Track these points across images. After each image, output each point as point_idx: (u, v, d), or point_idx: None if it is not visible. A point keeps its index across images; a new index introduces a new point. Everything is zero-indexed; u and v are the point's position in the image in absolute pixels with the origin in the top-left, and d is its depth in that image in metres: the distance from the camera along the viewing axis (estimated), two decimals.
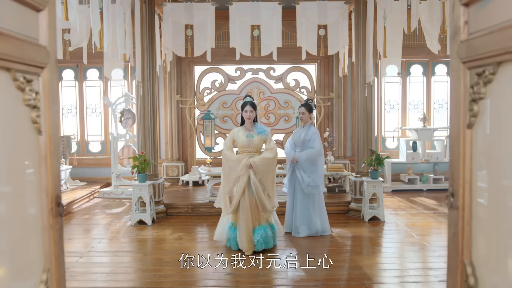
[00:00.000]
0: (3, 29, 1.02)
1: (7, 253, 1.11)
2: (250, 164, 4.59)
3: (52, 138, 1.25)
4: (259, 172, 4.61)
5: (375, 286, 3.95)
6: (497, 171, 1.14)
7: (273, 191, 4.74)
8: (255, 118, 4.88)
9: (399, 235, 5.63)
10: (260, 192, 4.58)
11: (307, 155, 5.29)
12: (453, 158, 1.30)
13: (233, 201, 4.62)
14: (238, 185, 4.61)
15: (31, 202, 1.21)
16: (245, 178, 4.59)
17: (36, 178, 1.22)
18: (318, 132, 5.43)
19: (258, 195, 4.59)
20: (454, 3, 1.25)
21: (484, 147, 1.18)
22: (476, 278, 1.24)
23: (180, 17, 7.22)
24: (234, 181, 4.63)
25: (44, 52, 1.21)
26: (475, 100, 1.19)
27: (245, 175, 4.59)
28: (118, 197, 8.04)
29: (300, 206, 5.34)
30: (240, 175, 4.60)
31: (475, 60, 1.18)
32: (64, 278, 1.32)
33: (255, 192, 4.58)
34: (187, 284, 4.01)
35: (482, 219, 1.21)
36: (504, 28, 1.02)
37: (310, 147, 5.31)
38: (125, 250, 5.15)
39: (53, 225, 1.25)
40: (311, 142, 5.31)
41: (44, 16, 1.21)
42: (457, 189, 1.28)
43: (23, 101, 1.14)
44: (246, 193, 4.59)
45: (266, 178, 4.64)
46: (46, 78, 1.22)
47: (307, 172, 5.27)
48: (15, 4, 1.10)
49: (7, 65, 1.05)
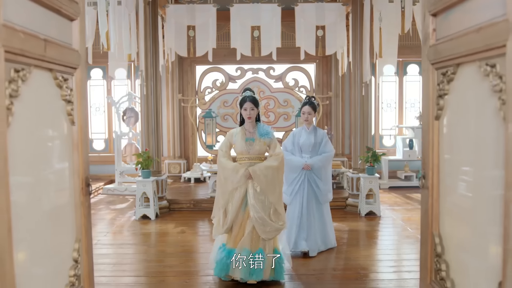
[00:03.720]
0: (48, 37, 1.24)
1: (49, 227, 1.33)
2: (249, 174, 3.73)
3: (83, 128, 1.48)
4: (262, 183, 3.74)
5: (370, 275, 4.08)
6: (456, 155, 1.36)
7: (281, 205, 3.84)
8: (257, 117, 3.93)
9: (395, 229, 5.80)
10: (260, 210, 3.70)
11: (323, 161, 4.67)
12: (424, 145, 1.52)
13: (227, 218, 3.77)
14: (234, 199, 3.76)
15: (66, 183, 1.44)
16: (242, 191, 3.74)
17: (70, 162, 1.45)
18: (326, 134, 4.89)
19: (258, 213, 3.68)
20: (425, 13, 1.47)
21: (448, 135, 1.40)
22: (442, 247, 1.46)
23: (182, 18, 7.42)
24: (230, 194, 3.77)
25: (77, 55, 1.44)
26: (441, 95, 1.41)
27: (243, 187, 3.74)
28: (122, 193, 8.23)
29: (315, 220, 4.66)
30: (237, 187, 3.74)
31: (440, 62, 1.40)
32: (91, 248, 1.54)
33: (252, 209, 3.70)
34: (190, 274, 4.19)
35: (447, 197, 1.44)
36: (460, 36, 1.24)
37: (322, 152, 4.69)
38: (130, 243, 5.34)
39: (84, 202, 1.47)
40: (322, 146, 4.71)
41: (77, 24, 1.43)
42: (427, 172, 1.50)
43: (61, 97, 1.37)
44: (245, 209, 3.76)
45: (271, 190, 3.76)
46: (78, 77, 1.44)
47: (323, 179, 4.68)
48: (56, 15, 1.32)
49: (50, 66, 1.27)
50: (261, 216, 3.67)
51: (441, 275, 1.43)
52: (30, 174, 1.24)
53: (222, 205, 3.80)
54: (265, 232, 3.70)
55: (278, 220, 3.75)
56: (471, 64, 1.23)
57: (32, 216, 1.25)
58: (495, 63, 1.12)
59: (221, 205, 3.81)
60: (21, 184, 1.18)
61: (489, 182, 1.23)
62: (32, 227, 1.25)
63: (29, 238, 1.21)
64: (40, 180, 1.30)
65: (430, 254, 1.52)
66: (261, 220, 3.67)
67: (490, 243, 1.23)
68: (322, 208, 4.74)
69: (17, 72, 1.10)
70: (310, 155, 4.70)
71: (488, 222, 1.25)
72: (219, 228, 3.82)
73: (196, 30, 7.47)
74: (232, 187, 3.75)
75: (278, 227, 3.74)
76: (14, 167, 1.10)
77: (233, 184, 3.75)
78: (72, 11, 1.39)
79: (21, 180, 1.18)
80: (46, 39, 1.21)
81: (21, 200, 1.18)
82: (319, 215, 4.70)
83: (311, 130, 4.74)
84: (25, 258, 1.18)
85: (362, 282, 3.91)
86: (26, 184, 1.22)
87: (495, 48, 1.10)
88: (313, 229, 4.61)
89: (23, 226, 1.18)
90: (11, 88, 1.06)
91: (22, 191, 1.19)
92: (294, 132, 4.87)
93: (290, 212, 4.64)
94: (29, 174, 1.24)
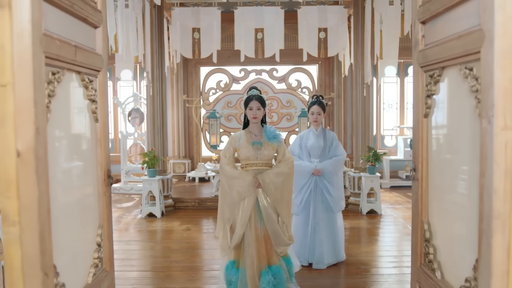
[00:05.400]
0: (77, 43, 1.41)
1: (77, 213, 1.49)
2: (259, 183, 3.30)
3: (105, 125, 1.64)
4: (271, 193, 3.32)
5: (371, 270, 4.20)
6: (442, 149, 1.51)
7: (289, 217, 3.45)
8: (263, 119, 3.48)
9: (395, 226, 5.93)
10: (273, 221, 3.31)
11: (334, 165, 4.26)
12: (415, 141, 1.68)
13: (236, 233, 3.31)
14: (242, 211, 3.32)
15: (91, 174, 1.60)
16: (251, 202, 3.30)
17: (94, 156, 1.61)
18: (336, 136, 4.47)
19: (271, 225, 3.30)
20: (415, 20, 1.63)
21: (435, 131, 1.56)
22: (431, 233, 1.62)
23: (187, 20, 7.60)
24: (237, 205, 3.33)
25: (100, 59, 1.60)
26: (429, 95, 1.57)
27: (252, 198, 3.30)
28: (128, 192, 8.39)
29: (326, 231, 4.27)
30: (245, 197, 3.30)
31: (428, 65, 1.56)
32: (112, 234, 1.71)
33: (266, 220, 3.31)
34: (195, 269, 4.33)
35: (435, 187, 1.59)
36: (444, 42, 1.40)
37: (333, 155, 4.29)
38: (136, 240, 5.49)
39: (106, 192, 1.64)
40: (333, 149, 4.30)
41: (100, 31, 1.60)
42: (418, 165, 1.66)
43: (87, 96, 1.53)
44: (253, 222, 3.32)
45: (280, 201, 3.36)
46: (101, 79, 1.61)
47: (335, 185, 4.26)
48: (82, 24, 1.48)
49: (79, 69, 1.43)
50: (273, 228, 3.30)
51: (429, 258, 1.59)
52: (63, 165, 1.41)
53: (228, 218, 3.33)
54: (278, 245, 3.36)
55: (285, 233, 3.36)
56: (453, 67, 1.40)
57: (64, 202, 1.42)
58: (473, 67, 1.28)
59: (227, 219, 3.34)
60: (57, 172, 1.34)
61: (469, 172, 1.39)
62: (64, 212, 1.41)
63: (62, 221, 1.37)
64: (71, 170, 1.47)
65: (420, 239, 1.67)
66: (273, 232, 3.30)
67: (469, 226, 1.38)
68: (335, 218, 4.30)
69: (53, 74, 1.26)
70: (320, 160, 4.29)
71: (468, 207, 1.40)
72: (226, 244, 3.35)
73: (201, 32, 7.64)
74: (239, 197, 3.31)
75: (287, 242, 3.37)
76: (51, 158, 1.26)
77: (240, 195, 3.30)
78: (96, 19, 1.56)
79: (56, 169, 1.34)
80: (76, 45, 1.38)
81: (56, 186, 1.34)
82: (331, 226, 4.26)
83: (319, 132, 4.32)
84: (60, 238, 1.34)
85: (362, 277, 3.99)
86: (60, 173, 1.39)
87: (472, 54, 1.26)
88: (321, 241, 4.22)
89: (58, 210, 1.34)
90: (49, 88, 1.23)
91: (57, 179, 1.35)
92: (301, 135, 4.44)
93: (298, 223, 4.26)
94: (62, 164, 1.41)
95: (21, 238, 1.12)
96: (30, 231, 1.13)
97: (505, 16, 1.07)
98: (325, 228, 4.23)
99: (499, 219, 1.11)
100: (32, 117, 1.10)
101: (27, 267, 1.13)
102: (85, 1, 1.45)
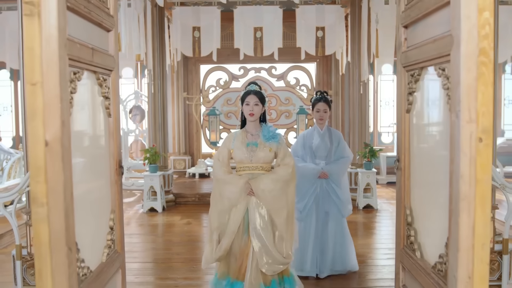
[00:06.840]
0: (94, 46, 1.58)
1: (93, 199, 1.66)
2: (250, 189, 2.87)
3: (116, 119, 1.81)
4: (267, 202, 2.87)
5: (367, 261, 4.27)
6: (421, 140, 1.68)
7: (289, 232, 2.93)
8: (262, 117, 3.06)
9: (391, 220, 6.01)
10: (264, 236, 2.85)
11: (341, 167, 3.92)
12: (398, 134, 1.85)
13: (221, 244, 2.93)
14: (231, 220, 2.92)
15: (106, 163, 1.77)
16: (241, 210, 2.89)
17: (107, 147, 1.78)
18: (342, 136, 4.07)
19: (260, 240, 2.84)
20: (399, 25, 1.80)
21: (416, 124, 1.73)
22: (412, 217, 1.79)
23: (188, 19, 7.73)
24: (227, 213, 2.93)
25: (112, 60, 1.77)
26: (410, 93, 1.74)
27: (243, 204, 2.89)
28: (129, 188, 8.51)
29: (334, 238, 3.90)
30: (236, 204, 2.90)
31: (409, 65, 1.73)
32: (122, 219, 1.88)
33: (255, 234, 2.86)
34: (196, 260, 4.45)
35: (416, 175, 1.76)
36: (422, 45, 1.57)
37: (340, 156, 3.93)
38: (139, 233, 5.63)
39: (117, 180, 1.81)
40: (340, 150, 3.93)
41: (112, 34, 1.77)
42: (401, 156, 1.83)
43: (101, 93, 1.70)
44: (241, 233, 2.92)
45: (278, 210, 2.89)
46: (113, 78, 1.78)
47: (342, 187, 3.91)
48: (97, 28, 1.65)
49: (95, 69, 1.60)
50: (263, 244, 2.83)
51: (411, 240, 1.76)
52: (83, 154, 1.58)
53: (217, 227, 2.97)
54: (267, 264, 2.83)
55: (282, 249, 2.86)
56: (430, 68, 1.57)
57: (83, 188, 1.58)
58: (445, 67, 1.45)
59: (215, 227, 2.97)
60: (78, 161, 1.51)
61: (442, 160, 1.56)
62: (83, 197, 1.58)
63: (81, 204, 1.54)
64: (89, 159, 1.64)
65: (403, 223, 1.85)
66: (263, 249, 2.82)
67: (443, 209, 1.55)
68: (343, 224, 3.95)
69: (74, 74, 1.43)
70: (325, 161, 3.91)
71: (442, 192, 1.57)
72: (211, 254, 2.97)
73: (201, 31, 7.78)
74: (229, 204, 2.91)
75: (281, 261, 2.85)
76: (73, 147, 1.43)
77: (230, 201, 2.90)
78: (109, 23, 1.72)
79: (78, 158, 1.51)
80: (93, 48, 1.54)
81: (78, 173, 1.51)
82: (340, 232, 3.91)
83: (325, 131, 3.93)
84: (79, 220, 1.51)
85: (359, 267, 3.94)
86: (81, 161, 1.56)
87: (444, 56, 1.43)
88: (327, 249, 3.86)
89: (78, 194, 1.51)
90: (71, 86, 1.39)
91: (79, 166, 1.52)
92: (305, 134, 4.04)
93: (301, 231, 3.80)
94: (83, 154, 1.58)
95: (48, 217, 1.29)
96: (56, 211, 1.30)
97: (470, 24, 1.23)
98: (332, 235, 3.86)
99: (465, 200, 1.28)
100: (58, 111, 1.27)
101: (54, 242, 1.30)
102: (101, 8, 1.62)
